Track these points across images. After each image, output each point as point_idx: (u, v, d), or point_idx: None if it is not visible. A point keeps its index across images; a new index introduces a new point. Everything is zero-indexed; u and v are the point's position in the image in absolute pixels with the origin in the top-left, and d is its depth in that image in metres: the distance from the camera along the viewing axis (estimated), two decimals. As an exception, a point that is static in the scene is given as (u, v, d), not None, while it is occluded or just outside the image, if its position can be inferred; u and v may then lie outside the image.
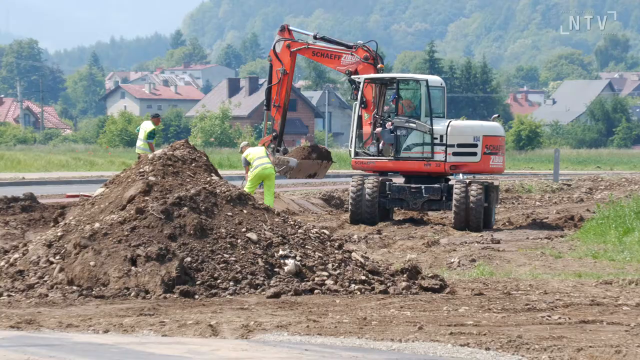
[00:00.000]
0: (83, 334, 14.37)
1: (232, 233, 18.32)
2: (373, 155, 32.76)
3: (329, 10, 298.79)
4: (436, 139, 32.14)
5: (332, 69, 51.29)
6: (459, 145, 32.27)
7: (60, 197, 34.69)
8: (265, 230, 18.61)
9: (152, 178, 19.09)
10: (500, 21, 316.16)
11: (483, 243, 26.82)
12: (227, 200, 18.92)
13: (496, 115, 51.10)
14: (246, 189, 28.41)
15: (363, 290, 17.77)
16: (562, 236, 29.51)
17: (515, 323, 14.90)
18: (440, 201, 31.82)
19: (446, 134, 32.21)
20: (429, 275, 18.81)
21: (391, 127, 32.59)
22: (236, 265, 17.86)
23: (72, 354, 12.98)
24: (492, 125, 35.31)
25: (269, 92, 38.38)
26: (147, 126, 37.12)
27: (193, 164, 19.72)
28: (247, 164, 32.70)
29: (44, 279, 17.87)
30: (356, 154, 33.15)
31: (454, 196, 30.94)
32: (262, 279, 17.70)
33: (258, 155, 32.48)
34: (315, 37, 39.38)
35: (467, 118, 42.42)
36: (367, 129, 33.28)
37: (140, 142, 36.55)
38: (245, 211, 18.90)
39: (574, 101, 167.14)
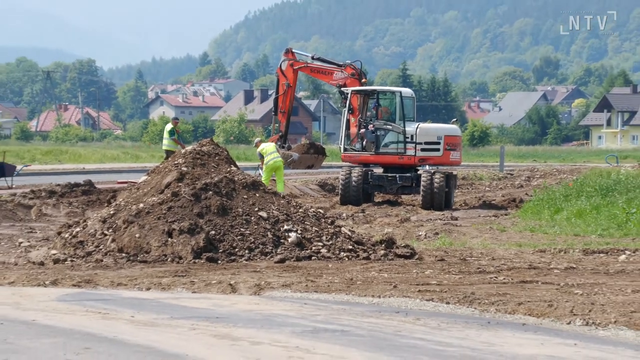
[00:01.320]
0: (130, 291, 14.36)
1: (247, 212, 18.31)
2: (358, 151, 32.72)
3: (324, 37, 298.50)
4: (408, 138, 32.12)
5: (326, 83, 51.17)
6: (426, 143, 32.26)
7: (112, 184, 34.59)
8: (273, 209, 18.60)
9: (184, 168, 19.08)
10: (458, 45, 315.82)
11: (444, 220, 26.80)
12: (243, 186, 18.91)
13: (454, 119, 51.10)
14: (263, 180, 28.40)
15: (350, 257, 17.75)
16: (506, 214, 29.50)
17: (469, 283, 14.88)
18: (411, 187, 31.81)
19: (416, 134, 32.19)
20: (402, 245, 18.80)
21: (372, 128, 32.57)
22: (250, 237, 17.87)
23: (121, 307, 12.96)
24: (452, 127, 35.40)
25: (276, 101, 38.39)
26: (168, 127, 37.53)
27: (216, 158, 19.69)
28: (261, 156, 32.81)
29: (99, 248, 17.86)
30: (345, 149, 33.13)
31: (422, 183, 30.93)
32: (270, 248, 17.71)
33: (270, 151, 32.60)
34: (312, 58, 39.42)
35: (432, 121, 42.12)
36: (353, 130, 33.26)
37: (165, 140, 36.77)
38: (257, 195, 18.89)
39: (516, 108, 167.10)
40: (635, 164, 58.23)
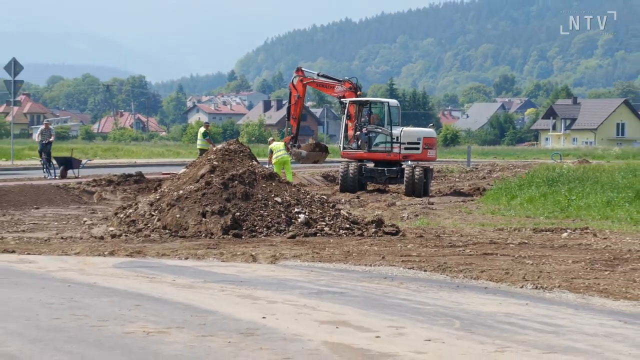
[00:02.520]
0: (171, 260, 14.38)
1: (265, 197, 18.32)
2: (354, 149, 32.66)
3: (327, 58, 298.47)
4: (394, 139, 32.07)
5: (328, 95, 51.05)
6: (408, 143, 32.21)
7: (158, 174, 34.57)
8: (286, 195, 18.60)
9: (215, 163, 19.08)
10: (434, 65, 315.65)
11: (423, 205, 26.77)
12: (262, 177, 18.91)
13: (431, 124, 51.13)
14: (276, 169, 28.43)
15: (347, 234, 17.74)
16: (472, 200, 29.47)
17: (442, 255, 14.88)
18: (396, 178, 31.76)
19: (400, 136, 32.14)
20: (389, 224, 18.79)
21: (366, 131, 32.53)
22: (267, 218, 17.87)
23: (165, 272, 12.98)
24: (429, 131, 35.36)
25: (289, 109, 38.36)
26: (201, 130, 38.08)
27: (241, 154, 19.69)
28: (271, 152, 32.84)
29: (148, 225, 17.88)
30: (344, 148, 33.10)
31: (405, 175, 30.88)
32: (284, 226, 17.71)
33: (278, 148, 32.62)
34: (318, 75, 39.37)
35: (413, 126, 42.44)
36: (350, 132, 33.19)
37: (199, 140, 37.30)
38: (273, 184, 18.90)
39: (480, 116, 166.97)
40: (575, 160, 58.19)
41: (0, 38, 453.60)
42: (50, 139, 36.37)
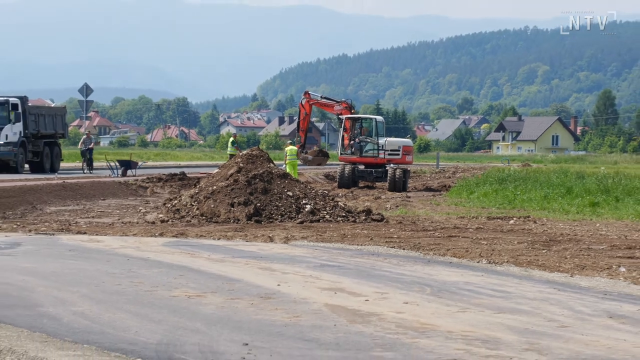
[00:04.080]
0: (207, 240, 14.38)
1: (280, 192, 18.30)
2: (349, 155, 32.60)
3: (328, 84, 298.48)
4: (380, 147, 32.01)
5: (329, 112, 51.04)
6: (391, 150, 32.11)
7: (197, 174, 34.55)
8: (296, 190, 18.59)
9: (241, 165, 19.06)
10: (411, 90, 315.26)
11: (402, 198, 26.75)
12: (278, 176, 18.89)
13: (408, 135, 51.20)
14: (287, 169, 28.36)
15: (343, 220, 17.71)
16: (440, 194, 29.44)
17: (417, 237, 14.88)
18: (382, 177, 31.66)
19: (384, 144, 32.06)
20: (376, 213, 18.78)
21: (358, 141, 32.49)
22: (282, 208, 17.85)
23: (202, 249, 12.97)
24: (407, 141, 35.32)
25: (298, 123, 38.47)
26: (230, 139, 37.90)
27: (261, 158, 19.66)
28: (286, 153, 32.82)
29: (189, 213, 17.87)
30: (341, 154, 32.99)
31: (389, 175, 30.81)
32: (294, 214, 17.68)
33: (292, 152, 32.54)
34: (321, 97, 39.50)
35: (395, 137, 42.36)
36: (346, 142, 33.10)
37: (229, 148, 36.98)
38: (286, 181, 18.86)
39: (446, 129, 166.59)
40: (520, 164, 58.09)
41: (75, 67, 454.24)
42: (90, 146, 36.20)
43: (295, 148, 33.51)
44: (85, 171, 35.75)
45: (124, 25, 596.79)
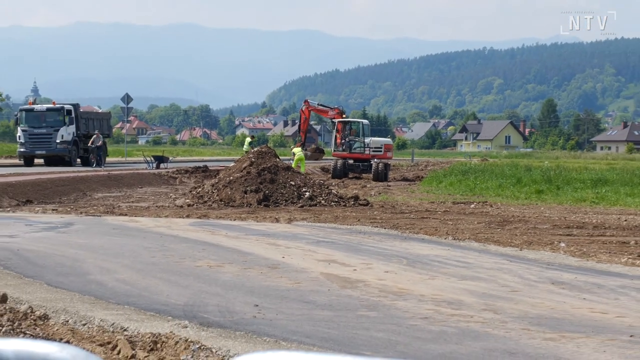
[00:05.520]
0: (225, 220, 14.34)
1: (284, 181, 18.26)
2: (341, 151, 32.53)
3: (324, 94, 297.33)
4: (366, 145, 31.96)
5: (325, 117, 51.04)
6: (375, 148, 32.06)
7: (217, 167, 34.47)
8: (297, 180, 18.54)
9: (253, 159, 19.01)
10: (391, 99, 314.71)
11: (383, 187, 26.71)
12: (283, 169, 18.84)
13: (389, 136, 51.00)
14: (292, 165, 28.27)
15: (336, 205, 17.66)
16: (414, 184, 29.42)
17: (396, 218, 14.86)
18: (367, 170, 31.55)
19: (370, 143, 32.02)
20: (362, 199, 18.74)
21: (348, 140, 32.42)
22: (286, 194, 17.80)
23: (221, 229, 12.92)
24: (387, 140, 35.27)
25: (299, 126, 38.42)
26: (247, 139, 37.14)
27: (269, 154, 19.60)
28: (294, 154, 32.67)
29: (210, 199, 17.82)
30: (334, 150, 32.95)
31: (373, 168, 30.73)
32: (296, 200, 17.64)
33: (298, 152, 32.36)
34: (318, 104, 39.49)
35: (378, 137, 41.76)
36: (338, 141, 33.03)
37: (245, 146, 36.40)
38: (290, 173, 18.82)
39: (420, 131, 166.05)
40: (479, 159, 58.00)
41: (119, 80, 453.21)
42: (99, 144, 34.50)
43: (300, 149, 33.24)
44: (93, 165, 33.48)
45: (158, 47, 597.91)
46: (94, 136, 34.93)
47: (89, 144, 34.70)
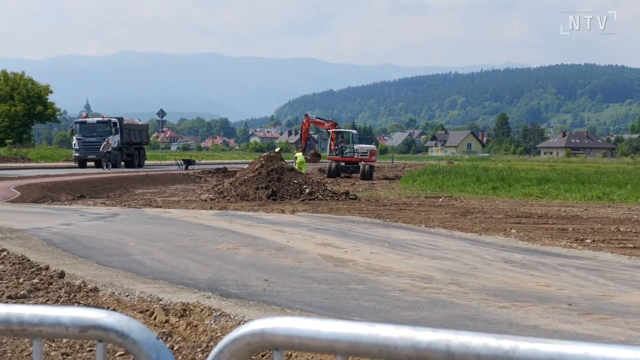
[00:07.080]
0: (241, 212, 14.29)
1: (288, 180, 18.21)
2: (335, 156, 32.43)
3: (321, 109, 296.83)
4: (355, 151, 31.87)
5: (321, 128, 50.97)
6: (362, 153, 31.97)
7: (234, 169, 34.39)
8: (299, 179, 18.50)
9: (263, 162, 18.97)
10: (375, 113, 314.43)
11: (369, 184, 26.65)
12: (288, 170, 18.80)
13: (373, 143, 50.84)
14: (295, 167, 28.17)
15: (331, 199, 17.60)
16: (394, 182, 29.37)
17: (379, 210, 14.83)
18: (356, 171, 31.41)
19: (358, 149, 31.94)
20: (352, 194, 18.71)
21: (340, 147, 32.32)
22: (290, 190, 17.74)
23: (237, 218, 12.87)
24: (372, 146, 34.97)
25: (301, 136, 38.25)
26: (277, 149, 35.03)
27: (276, 158, 19.56)
28: (296, 158, 32.51)
29: (229, 194, 17.76)
30: (329, 155, 32.87)
31: (360, 169, 30.66)
32: (298, 195, 17.57)
33: (299, 156, 32.16)
34: (316, 117, 39.31)
35: (364, 144, 41.65)
36: (332, 147, 32.92)
37: (298, 158, 34.07)
38: (293, 173, 18.77)
39: (398, 139, 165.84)
40: (446, 162, 57.93)
41: (155, 98, 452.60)
42: (109, 149, 32.50)
43: (301, 154, 33.09)
44: (104, 168, 31.55)
45: (187, 72, 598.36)
46: (104, 143, 32.61)
47: (100, 149, 32.63)
